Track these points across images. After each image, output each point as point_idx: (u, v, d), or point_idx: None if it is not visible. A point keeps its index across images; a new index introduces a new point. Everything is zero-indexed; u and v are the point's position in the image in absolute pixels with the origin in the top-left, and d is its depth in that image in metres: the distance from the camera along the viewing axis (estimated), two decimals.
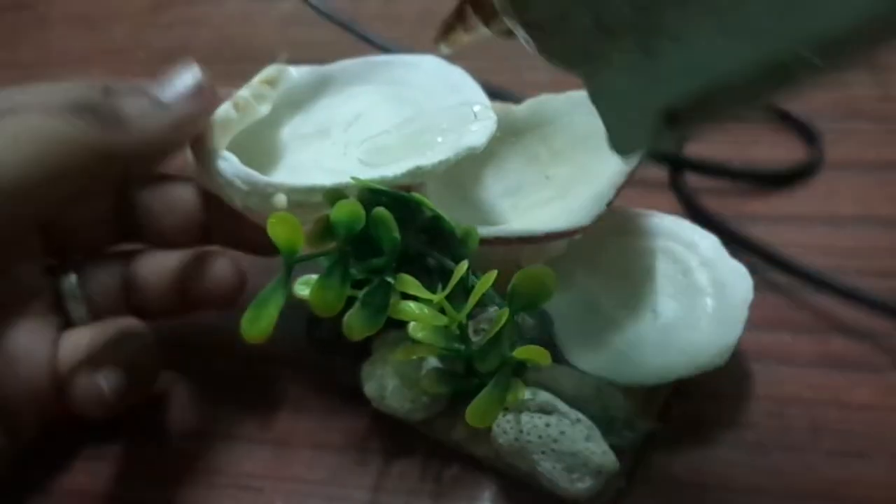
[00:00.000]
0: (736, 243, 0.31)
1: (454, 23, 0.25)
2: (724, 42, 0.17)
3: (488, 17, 0.23)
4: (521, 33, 0.20)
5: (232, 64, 0.47)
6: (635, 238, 0.31)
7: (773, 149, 0.37)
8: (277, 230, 0.23)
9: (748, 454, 0.27)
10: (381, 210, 0.24)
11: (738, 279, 0.29)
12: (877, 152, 0.36)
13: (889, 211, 0.33)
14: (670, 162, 0.35)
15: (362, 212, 0.24)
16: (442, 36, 0.26)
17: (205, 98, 0.29)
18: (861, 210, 0.34)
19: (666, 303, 0.30)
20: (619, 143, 0.21)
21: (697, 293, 0.29)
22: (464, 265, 0.24)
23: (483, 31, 0.24)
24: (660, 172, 0.35)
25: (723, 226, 0.32)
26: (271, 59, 0.32)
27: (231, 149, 0.29)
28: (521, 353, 0.23)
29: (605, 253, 0.31)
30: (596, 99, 0.20)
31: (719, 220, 0.33)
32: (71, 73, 0.48)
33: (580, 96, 0.32)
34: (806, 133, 0.37)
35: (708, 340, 0.28)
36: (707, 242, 0.30)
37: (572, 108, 0.32)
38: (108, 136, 0.26)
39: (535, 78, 0.32)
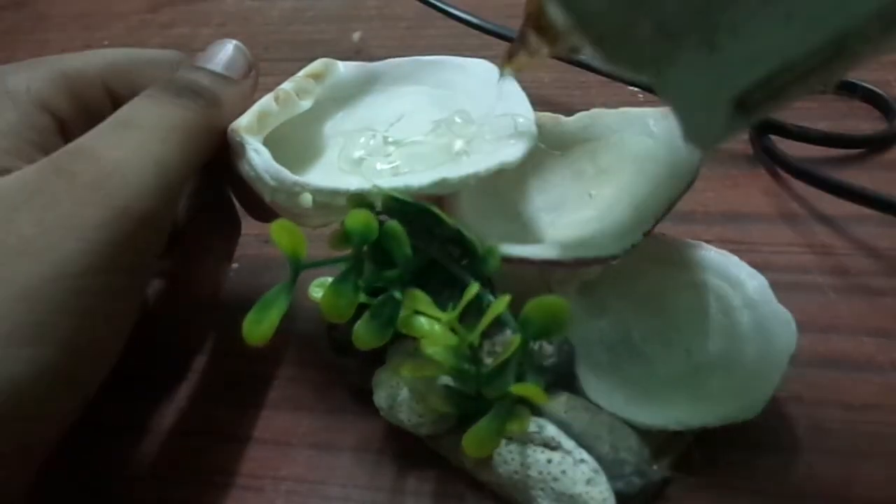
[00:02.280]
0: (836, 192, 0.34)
1: (518, 48, 0.25)
2: (782, 28, 0.18)
3: (552, 40, 0.23)
4: (587, 48, 0.21)
5: None
6: (677, 269, 0.29)
7: (847, 121, 0.39)
8: (280, 236, 0.22)
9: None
10: (392, 224, 0.23)
11: (782, 326, 0.27)
12: None
13: None
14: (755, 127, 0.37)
15: (375, 223, 0.23)
16: (506, 61, 0.26)
17: (255, 72, 0.30)
18: None
19: (701, 343, 0.28)
20: (695, 136, 0.21)
21: (737, 336, 0.27)
22: (474, 287, 0.23)
23: (545, 53, 0.24)
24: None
25: (820, 175, 0.35)
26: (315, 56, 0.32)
27: (272, 140, 0.29)
28: (518, 389, 0.22)
29: (644, 282, 0.29)
30: (666, 96, 0.21)
31: (817, 173, 0.35)
32: None
33: (634, 114, 0.31)
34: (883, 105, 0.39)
35: (741, 389, 0.26)
36: (754, 282, 0.28)
37: (624, 126, 0.30)
38: (214, 115, 0.27)
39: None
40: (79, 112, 0.27)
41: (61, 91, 0.27)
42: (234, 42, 0.30)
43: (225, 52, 0.29)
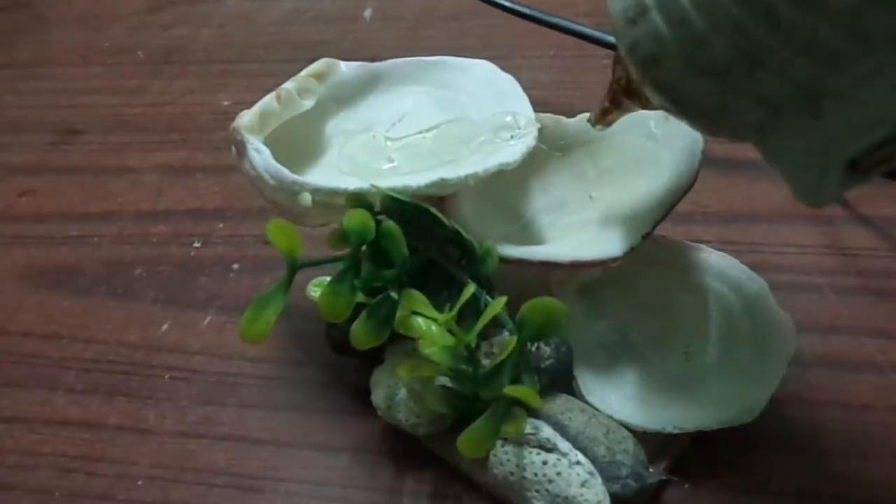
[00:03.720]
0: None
1: (610, 107, 0.25)
2: (891, 97, 0.18)
3: (645, 103, 0.24)
4: (686, 123, 0.21)
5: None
6: (677, 272, 0.29)
7: None
8: (276, 236, 0.22)
9: None
10: (390, 224, 0.23)
11: (781, 330, 0.27)
12: None
13: None
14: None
15: (373, 223, 0.23)
16: (599, 119, 0.26)
17: None
18: None
19: (700, 346, 0.28)
20: (806, 198, 0.21)
21: (735, 340, 0.27)
22: (470, 288, 0.23)
23: (638, 108, 0.25)
24: None
25: None
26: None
27: (273, 139, 0.29)
28: (512, 391, 0.22)
29: (644, 284, 0.29)
30: (770, 161, 0.21)
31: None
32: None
33: (635, 116, 0.31)
34: None
35: (739, 393, 0.26)
36: (754, 286, 0.28)
37: (625, 128, 0.30)
38: None
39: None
40: None
41: None
42: None
43: None
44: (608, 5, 0.21)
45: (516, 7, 0.41)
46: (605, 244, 0.26)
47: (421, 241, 0.26)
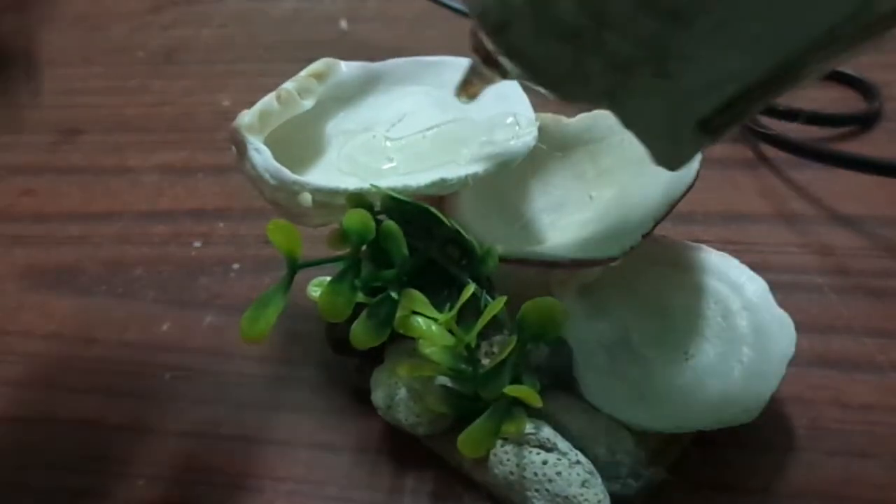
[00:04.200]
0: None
1: (471, 78, 0.25)
2: (733, 54, 0.18)
3: (504, 73, 0.23)
4: (539, 89, 0.21)
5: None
6: (677, 271, 0.29)
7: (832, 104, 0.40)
8: (276, 236, 0.22)
9: None
10: (390, 224, 0.23)
11: (781, 330, 0.26)
12: None
13: None
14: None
15: (373, 223, 0.23)
16: (462, 91, 0.26)
17: None
18: None
19: (700, 345, 0.28)
20: (663, 161, 0.21)
21: (735, 339, 0.27)
22: (470, 288, 0.23)
23: (499, 79, 0.24)
24: None
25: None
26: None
27: (273, 140, 0.29)
28: (512, 391, 0.22)
29: (644, 283, 0.29)
30: (627, 124, 0.21)
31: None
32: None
33: None
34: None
35: (738, 393, 0.26)
36: (754, 286, 0.28)
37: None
38: None
39: None
40: None
41: None
42: None
43: None
44: None
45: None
46: (605, 244, 0.26)
47: (421, 241, 0.26)
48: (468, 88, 0.25)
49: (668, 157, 0.21)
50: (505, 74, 0.23)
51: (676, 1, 0.17)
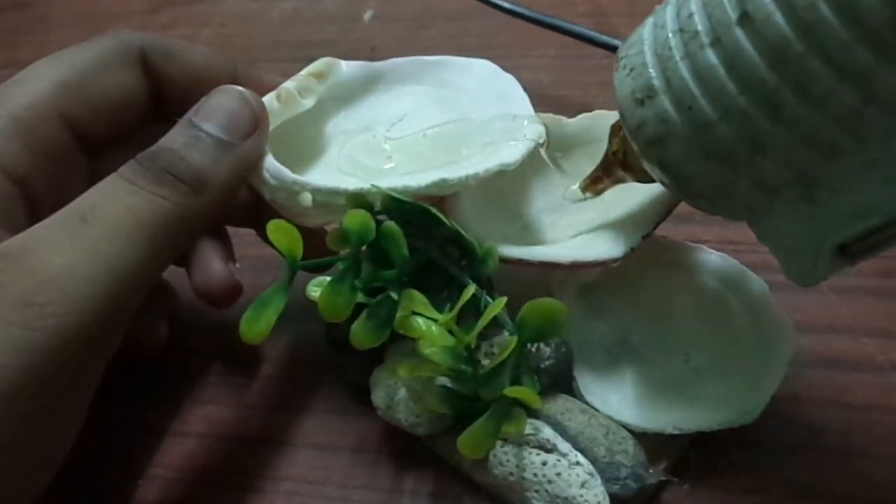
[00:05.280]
0: None
1: (602, 177, 0.26)
2: (881, 190, 0.19)
3: (639, 175, 0.24)
4: (683, 199, 0.22)
5: None
6: (677, 272, 0.29)
7: None
8: (276, 236, 0.22)
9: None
10: (390, 224, 0.23)
11: (781, 331, 0.27)
12: None
13: None
14: None
15: (373, 223, 0.23)
16: (589, 187, 0.27)
17: (264, 127, 0.26)
18: None
19: (700, 347, 0.28)
20: (797, 277, 0.22)
21: (735, 341, 0.27)
22: (471, 288, 0.23)
23: (631, 180, 0.25)
24: None
25: None
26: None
27: (273, 139, 0.29)
28: (512, 392, 0.22)
29: (645, 284, 0.29)
30: (763, 239, 0.22)
31: None
32: None
33: None
34: None
35: (739, 395, 0.26)
36: (754, 287, 0.28)
37: None
38: (198, 205, 0.23)
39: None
40: (38, 162, 0.24)
41: (13, 142, 0.23)
42: (240, 92, 0.25)
43: (228, 106, 0.25)
44: (615, 85, 0.22)
45: (516, 8, 0.41)
46: (605, 245, 0.26)
47: (421, 241, 0.26)
48: (596, 185, 0.26)
49: (803, 276, 0.21)
50: (642, 179, 0.24)
51: (836, 139, 0.18)
